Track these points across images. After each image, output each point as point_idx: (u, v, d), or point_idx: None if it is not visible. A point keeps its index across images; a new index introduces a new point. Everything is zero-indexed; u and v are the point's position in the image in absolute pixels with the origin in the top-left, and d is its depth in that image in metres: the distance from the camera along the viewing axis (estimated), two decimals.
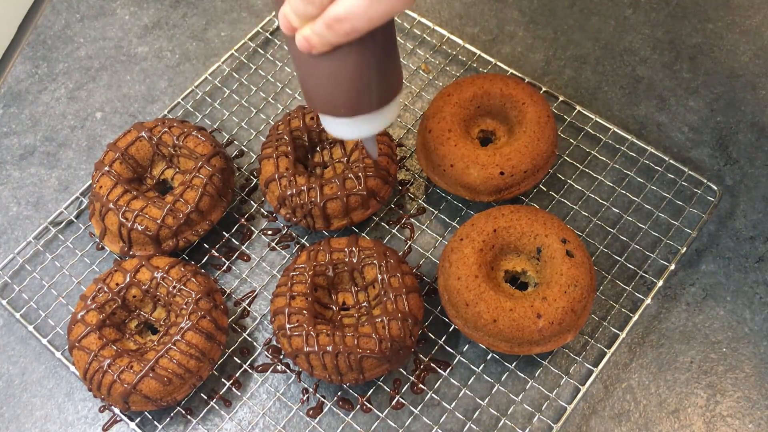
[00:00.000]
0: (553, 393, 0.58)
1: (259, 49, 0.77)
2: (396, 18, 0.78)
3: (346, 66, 0.43)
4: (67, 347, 0.61)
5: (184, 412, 0.58)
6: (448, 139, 0.62)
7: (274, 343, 0.61)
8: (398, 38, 0.77)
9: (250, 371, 0.60)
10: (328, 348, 0.54)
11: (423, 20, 0.76)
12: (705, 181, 0.65)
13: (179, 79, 0.77)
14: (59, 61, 0.78)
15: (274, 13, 0.78)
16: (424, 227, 0.66)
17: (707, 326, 0.61)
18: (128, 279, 0.58)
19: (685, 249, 0.63)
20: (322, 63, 0.43)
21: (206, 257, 0.65)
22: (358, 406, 0.58)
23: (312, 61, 0.43)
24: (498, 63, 0.73)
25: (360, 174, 0.61)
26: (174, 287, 0.57)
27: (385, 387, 0.59)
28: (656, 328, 0.61)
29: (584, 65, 0.75)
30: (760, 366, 0.59)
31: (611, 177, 0.67)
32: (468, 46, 0.75)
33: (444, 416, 0.57)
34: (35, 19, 0.82)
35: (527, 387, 0.58)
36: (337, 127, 0.47)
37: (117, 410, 0.58)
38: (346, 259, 0.58)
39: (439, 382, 0.59)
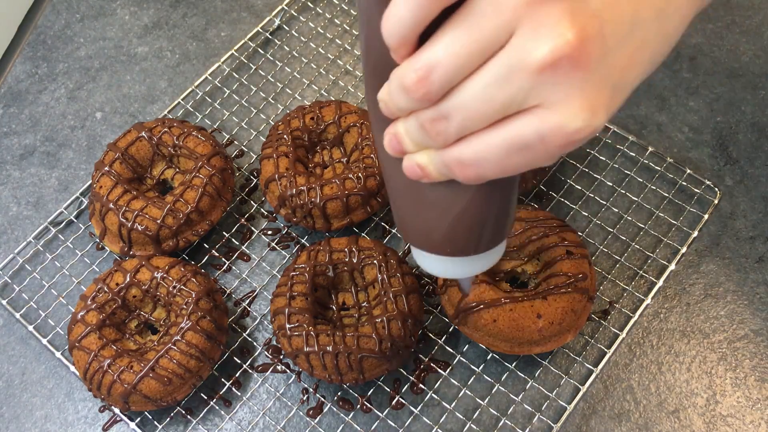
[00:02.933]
0: (553, 393, 0.58)
1: (259, 49, 0.77)
2: None
3: (462, 201, 0.35)
4: (67, 347, 0.61)
5: (184, 412, 0.58)
6: None
7: (274, 343, 0.61)
8: None
9: (250, 371, 0.60)
10: (328, 348, 0.54)
11: None
12: (705, 181, 0.65)
13: (179, 79, 0.77)
14: (59, 61, 0.78)
15: (274, 13, 0.78)
16: None
17: (707, 326, 0.61)
18: (128, 279, 0.58)
19: (685, 249, 0.63)
20: (431, 192, 0.36)
21: (206, 257, 0.65)
22: (358, 406, 0.58)
23: (417, 188, 0.36)
24: None
25: (360, 174, 0.61)
26: (174, 287, 0.57)
27: (385, 387, 0.59)
28: (656, 328, 0.61)
29: None
30: (760, 366, 0.59)
31: (611, 177, 0.67)
32: None
33: (444, 416, 0.57)
34: (35, 19, 0.82)
35: (527, 387, 0.58)
36: (431, 263, 0.40)
37: (117, 410, 0.58)
38: (346, 259, 0.58)
39: (439, 382, 0.59)
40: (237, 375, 0.60)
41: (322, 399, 0.59)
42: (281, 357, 0.60)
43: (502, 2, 0.27)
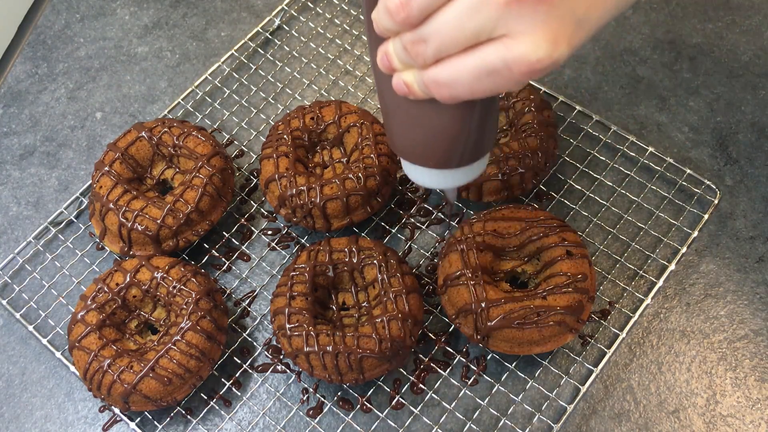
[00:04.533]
0: (553, 393, 0.58)
1: (259, 49, 0.77)
2: None
3: (442, 119, 0.39)
4: (67, 347, 0.61)
5: (184, 412, 0.58)
6: None
7: (274, 343, 0.61)
8: None
9: (250, 371, 0.60)
10: (328, 348, 0.54)
11: None
12: (705, 181, 0.65)
13: (179, 79, 0.77)
14: (59, 61, 0.78)
15: (274, 13, 0.78)
16: (424, 227, 0.66)
17: (707, 326, 0.61)
18: (128, 279, 0.58)
19: (685, 249, 0.63)
20: (415, 109, 0.39)
21: (206, 257, 0.65)
22: (358, 406, 0.58)
23: (405, 105, 0.40)
24: None
25: (360, 174, 0.61)
26: (174, 287, 0.57)
27: (385, 387, 0.59)
28: (656, 328, 0.61)
29: (584, 65, 0.75)
30: (760, 366, 0.59)
31: (611, 177, 0.67)
32: None
33: (444, 416, 0.57)
34: (35, 19, 0.82)
35: (527, 387, 0.58)
36: (419, 174, 0.44)
37: (117, 410, 0.58)
38: (346, 259, 0.58)
39: (439, 382, 0.59)
40: (237, 375, 0.60)
41: (322, 399, 0.59)
42: (281, 357, 0.60)
43: None
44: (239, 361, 0.61)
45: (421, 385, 0.59)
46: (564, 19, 0.32)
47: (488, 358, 0.59)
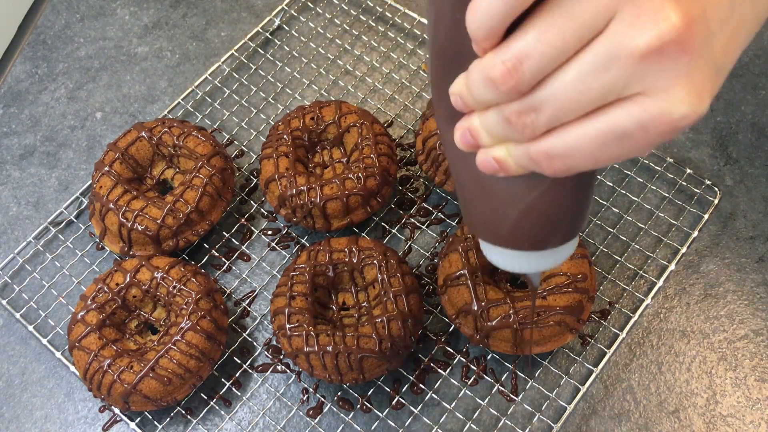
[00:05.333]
0: (553, 393, 0.58)
1: (259, 49, 0.77)
2: (396, 18, 0.78)
3: (537, 195, 0.34)
4: (67, 347, 0.61)
5: (184, 412, 0.58)
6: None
7: (274, 343, 0.61)
8: (398, 38, 0.77)
9: (250, 371, 0.60)
10: (328, 348, 0.54)
11: (423, 20, 0.76)
12: (705, 181, 0.65)
13: (179, 79, 0.77)
14: (59, 61, 0.78)
15: (274, 13, 0.78)
16: (424, 227, 0.66)
17: (707, 326, 0.61)
18: (128, 279, 0.58)
19: (685, 249, 0.63)
20: (503, 186, 0.34)
21: (206, 257, 0.65)
22: (358, 406, 0.58)
23: (489, 182, 0.34)
24: None
25: (360, 174, 0.61)
26: (174, 287, 0.57)
27: (385, 387, 0.59)
28: (656, 328, 0.61)
29: None
30: (760, 366, 0.59)
31: (611, 177, 0.67)
32: None
33: (444, 416, 0.57)
34: (35, 19, 0.82)
35: (527, 387, 0.58)
36: (502, 257, 0.38)
37: (117, 410, 0.58)
38: (346, 259, 0.58)
39: (439, 382, 0.59)
40: (237, 375, 0.60)
41: (322, 399, 0.59)
42: (281, 357, 0.60)
43: None
44: (239, 361, 0.61)
45: (421, 385, 0.59)
46: (705, 68, 0.28)
47: (488, 358, 0.59)
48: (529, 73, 0.28)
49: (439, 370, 0.59)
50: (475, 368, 0.59)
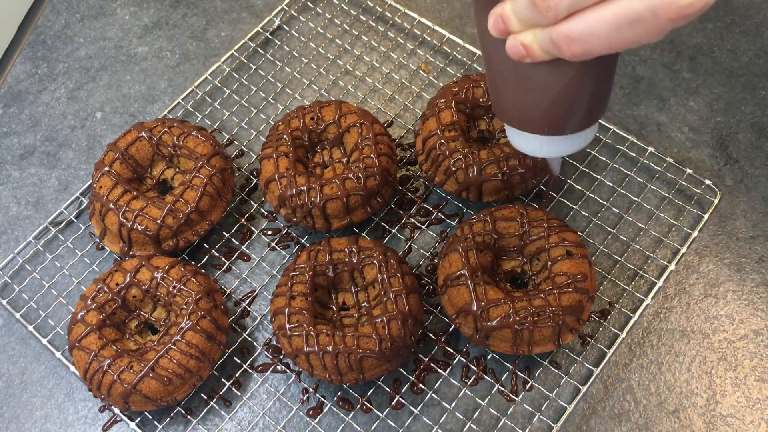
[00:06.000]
0: (553, 393, 0.58)
1: (259, 49, 0.77)
2: (396, 18, 0.78)
3: (562, 80, 0.37)
4: (67, 347, 0.61)
5: (184, 412, 0.58)
6: (448, 139, 0.62)
7: (274, 343, 0.61)
8: (398, 38, 0.77)
9: (250, 371, 0.60)
10: (328, 348, 0.54)
11: (423, 20, 0.76)
12: (705, 181, 0.65)
13: (179, 79, 0.77)
14: (59, 61, 0.78)
15: (274, 13, 0.78)
16: (424, 227, 0.66)
17: (707, 326, 0.61)
18: (128, 279, 0.58)
19: (685, 249, 0.63)
20: (531, 72, 0.37)
21: (206, 257, 0.65)
22: (358, 406, 0.58)
23: (518, 68, 0.37)
24: None
25: (360, 174, 0.61)
26: (174, 287, 0.57)
27: (385, 387, 0.59)
28: (656, 328, 0.61)
29: None
30: (760, 366, 0.59)
31: (611, 177, 0.67)
32: (468, 46, 0.75)
33: (444, 416, 0.57)
34: (35, 19, 0.82)
35: (527, 387, 0.58)
36: (526, 142, 0.42)
37: (117, 410, 0.58)
38: (346, 259, 0.58)
39: (439, 382, 0.59)
40: (237, 375, 0.60)
41: (322, 399, 0.59)
42: (281, 357, 0.60)
43: None
44: (239, 361, 0.61)
45: (421, 385, 0.59)
46: None
47: (488, 358, 0.59)
48: None
49: (439, 370, 0.59)
50: (475, 368, 0.59)
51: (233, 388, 0.60)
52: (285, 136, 0.63)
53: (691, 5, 0.30)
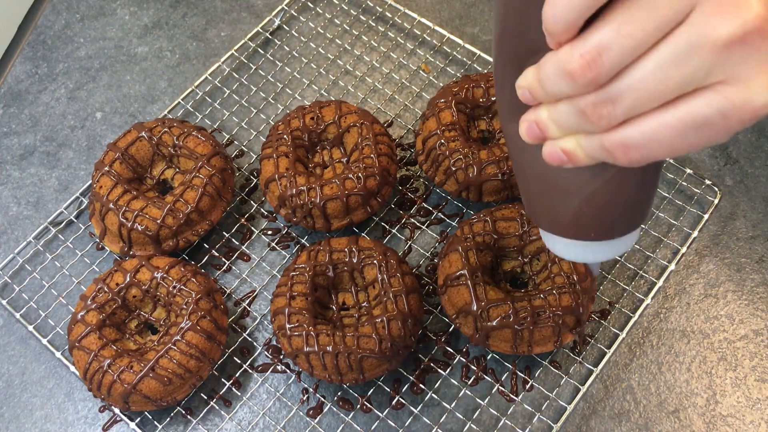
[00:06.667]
0: (553, 393, 0.58)
1: (259, 49, 0.77)
2: (396, 18, 0.78)
3: (599, 186, 0.34)
4: (67, 347, 0.61)
5: (184, 412, 0.58)
6: (448, 139, 0.62)
7: (274, 343, 0.61)
8: (398, 38, 0.77)
9: (250, 371, 0.60)
10: (328, 348, 0.54)
11: (423, 20, 0.76)
12: (705, 181, 0.65)
13: (179, 79, 0.77)
14: (59, 61, 0.78)
15: (274, 13, 0.78)
16: (424, 227, 0.66)
17: (707, 326, 0.61)
18: (128, 279, 0.58)
19: (685, 249, 0.63)
20: (571, 176, 0.34)
21: (206, 257, 0.65)
22: (358, 406, 0.58)
23: (556, 173, 0.34)
24: None
25: (360, 174, 0.61)
26: (174, 287, 0.57)
27: (385, 387, 0.59)
28: (656, 328, 0.61)
29: None
30: (760, 366, 0.59)
31: None
32: (468, 46, 0.75)
33: (444, 416, 0.57)
34: (35, 19, 0.82)
35: (527, 387, 0.58)
36: (563, 247, 0.39)
37: (117, 410, 0.58)
38: (346, 259, 0.58)
39: (439, 382, 0.59)
40: (237, 375, 0.60)
41: (322, 399, 0.59)
42: (281, 357, 0.60)
43: None
44: (239, 361, 0.61)
45: (421, 385, 0.59)
46: None
47: (488, 358, 0.59)
48: (608, 65, 0.28)
49: (439, 370, 0.59)
50: (475, 368, 0.59)
51: (233, 388, 0.60)
52: (285, 136, 0.63)
53: (765, 106, 0.28)
